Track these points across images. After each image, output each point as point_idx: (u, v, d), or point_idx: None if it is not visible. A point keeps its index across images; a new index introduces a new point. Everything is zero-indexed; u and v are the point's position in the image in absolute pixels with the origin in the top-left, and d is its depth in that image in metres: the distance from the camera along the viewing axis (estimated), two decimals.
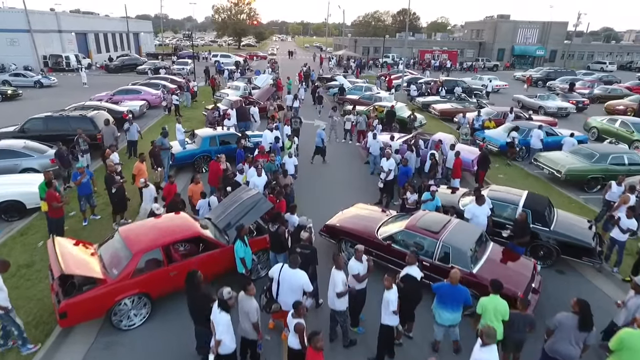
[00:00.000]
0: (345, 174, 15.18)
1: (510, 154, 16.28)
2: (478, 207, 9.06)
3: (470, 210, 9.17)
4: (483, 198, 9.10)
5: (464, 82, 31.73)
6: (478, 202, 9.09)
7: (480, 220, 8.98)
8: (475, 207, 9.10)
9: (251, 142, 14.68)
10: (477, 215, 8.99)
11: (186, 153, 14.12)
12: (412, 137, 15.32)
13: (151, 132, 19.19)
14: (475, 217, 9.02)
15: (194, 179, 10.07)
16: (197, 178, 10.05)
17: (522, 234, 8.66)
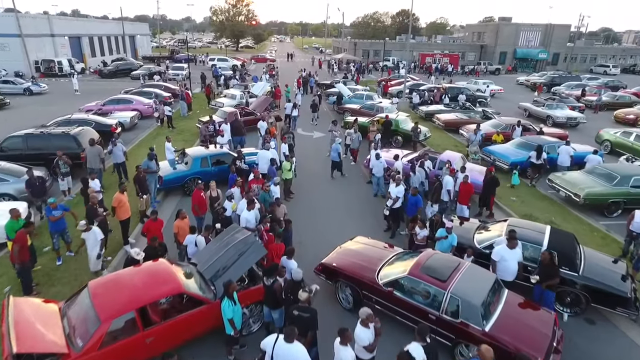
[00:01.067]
0: (346, 195, 14.16)
1: (534, 174, 15.11)
2: (509, 251, 8.04)
3: (499, 253, 8.11)
4: (516, 241, 8.05)
5: (468, 90, 30.72)
6: (510, 244, 8.06)
7: (510, 266, 7.99)
8: (506, 250, 8.07)
9: (246, 164, 13.63)
10: (507, 260, 7.98)
11: (175, 175, 13.08)
12: (419, 156, 14.30)
13: (141, 148, 18.18)
14: (503, 261, 8.02)
15: (179, 214, 9.04)
16: (183, 213, 9.03)
17: (550, 276, 7.66)
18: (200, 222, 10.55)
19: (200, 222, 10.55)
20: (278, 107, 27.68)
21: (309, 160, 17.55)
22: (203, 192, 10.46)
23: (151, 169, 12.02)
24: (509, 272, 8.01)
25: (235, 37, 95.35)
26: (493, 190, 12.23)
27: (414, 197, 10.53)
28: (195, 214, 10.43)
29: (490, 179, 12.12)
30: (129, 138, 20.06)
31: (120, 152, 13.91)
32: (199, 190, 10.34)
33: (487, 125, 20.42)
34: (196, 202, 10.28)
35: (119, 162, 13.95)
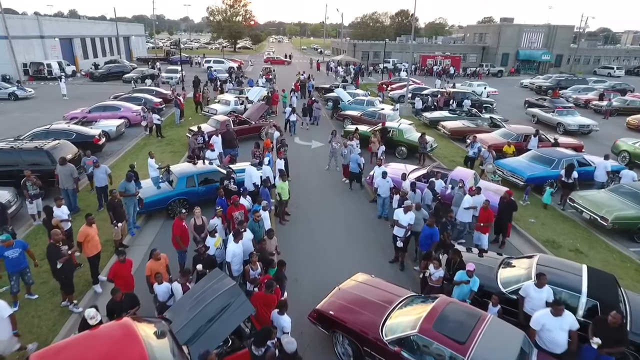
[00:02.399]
0: (347, 215, 12.85)
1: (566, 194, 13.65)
2: (554, 319, 6.39)
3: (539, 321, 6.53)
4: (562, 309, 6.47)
5: (473, 94, 29.43)
6: (555, 312, 6.40)
7: (557, 337, 6.37)
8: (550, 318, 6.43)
9: (237, 182, 12.32)
10: (552, 329, 6.39)
11: (157, 197, 11.74)
12: (427, 173, 13.00)
13: (126, 160, 16.83)
14: (547, 331, 6.45)
15: (153, 254, 7.72)
16: (157, 252, 7.71)
17: (617, 341, 6.23)
18: (183, 256, 9.25)
19: (183, 257, 9.25)
20: (275, 114, 26.38)
21: (306, 173, 16.26)
22: (185, 221, 9.15)
23: (129, 192, 10.70)
24: (556, 344, 6.41)
25: (233, 37, 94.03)
26: (509, 215, 10.92)
27: (429, 229, 9.21)
28: (177, 247, 9.13)
29: (508, 203, 10.81)
30: (114, 149, 18.75)
31: (103, 174, 12.14)
32: (180, 219, 9.01)
33: (497, 135, 19.16)
34: (177, 232, 8.97)
35: (101, 186, 12.25)
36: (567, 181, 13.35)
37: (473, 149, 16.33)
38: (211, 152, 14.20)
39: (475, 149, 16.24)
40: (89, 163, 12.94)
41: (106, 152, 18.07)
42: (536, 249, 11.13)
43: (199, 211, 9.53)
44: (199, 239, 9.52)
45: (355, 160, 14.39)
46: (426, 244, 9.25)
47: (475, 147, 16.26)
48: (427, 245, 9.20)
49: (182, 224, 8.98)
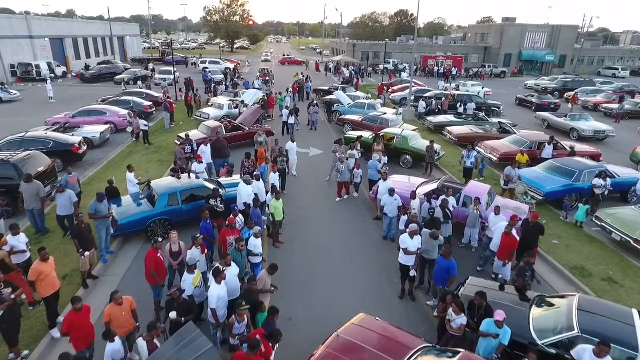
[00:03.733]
0: (349, 235, 11.51)
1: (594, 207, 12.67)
2: None
3: None
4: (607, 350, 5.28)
5: (479, 97, 28.12)
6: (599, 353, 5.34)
7: None
8: None
9: (226, 198, 10.99)
10: None
11: (134, 218, 10.38)
12: (438, 189, 11.67)
13: (107, 171, 15.50)
14: None
15: (114, 297, 6.40)
16: (118, 296, 6.38)
17: None
18: (159, 293, 7.92)
19: (159, 294, 7.92)
20: (271, 118, 25.05)
21: (303, 185, 14.93)
22: (160, 252, 7.81)
23: (100, 214, 9.36)
24: None
25: (230, 37, 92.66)
26: (535, 240, 9.61)
27: (445, 261, 7.89)
28: (152, 283, 7.79)
29: (533, 227, 9.49)
30: (97, 157, 17.40)
31: (68, 201, 10.20)
32: (154, 250, 7.68)
33: (508, 142, 17.84)
34: (152, 265, 7.62)
35: (62, 215, 10.29)
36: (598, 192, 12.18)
37: (470, 158, 14.90)
38: (198, 164, 12.84)
39: (472, 158, 14.85)
40: (72, 181, 11.33)
41: (87, 162, 16.74)
42: (563, 278, 9.85)
43: (176, 236, 8.24)
44: (176, 266, 8.27)
45: (374, 167, 13.66)
46: (442, 278, 7.94)
47: (472, 157, 14.86)
48: (443, 280, 7.89)
49: (157, 255, 7.65)
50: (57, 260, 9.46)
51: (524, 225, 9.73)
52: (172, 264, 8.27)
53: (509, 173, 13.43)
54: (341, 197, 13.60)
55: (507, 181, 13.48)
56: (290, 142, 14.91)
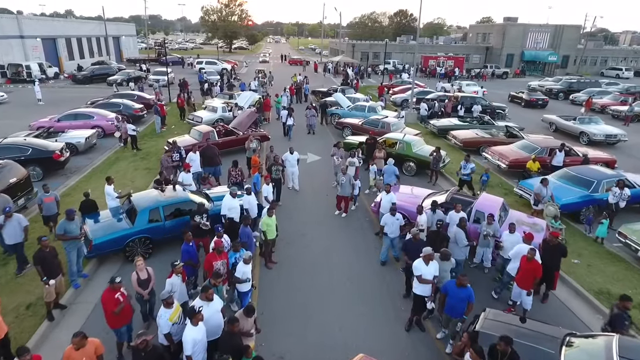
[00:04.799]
0: (347, 253, 10.47)
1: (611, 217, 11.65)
2: None
3: None
4: None
5: (483, 99, 27.12)
6: None
7: None
8: None
9: (213, 213, 9.98)
10: None
11: (111, 236, 9.34)
12: (446, 202, 10.65)
13: (91, 181, 14.48)
14: None
15: (73, 339, 5.37)
16: (77, 340, 5.34)
17: None
18: (123, 337, 6.86)
19: (123, 336, 6.86)
20: (267, 121, 24.05)
21: (300, 195, 13.92)
22: (122, 290, 6.68)
23: (70, 234, 8.35)
24: None
25: (228, 38, 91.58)
26: (557, 262, 8.60)
27: (463, 290, 6.90)
28: (113, 326, 6.67)
29: (554, 248, 8.49)
30: (81, 164, 16.38)
31: (17, 228, 8.74)
32: (112, 290, 6.55)
33: (517, 148, 16.83)
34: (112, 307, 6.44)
35: (10, 244, 8.84)
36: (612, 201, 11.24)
37: (465, 169, 13.66)
38: (186, 174, 11.80)
39: (469, 169, 13.61)
40: (47, 201, 10.00)
41: (70, 169, 15.72)
42: (587, 304, 8.85)
43: (142, 263, 7.24)
44: (146, 296, 7.26)
45: (392, 172, 13.09)
46: (459, 308, 6.93)
47: (468, 168, 13.61)
48: (460, 310, 6.89)
49: (115, 295, 6.54)
50: (19, 286, 8.55)
51: (543, 245, 8.73)
52: (142, 294, 7.27)
53: (539, 191, 11.74)
54: (340, 211, 12.54)
55: (537, 200, 11.81)
56: (289, 153, 13.60)
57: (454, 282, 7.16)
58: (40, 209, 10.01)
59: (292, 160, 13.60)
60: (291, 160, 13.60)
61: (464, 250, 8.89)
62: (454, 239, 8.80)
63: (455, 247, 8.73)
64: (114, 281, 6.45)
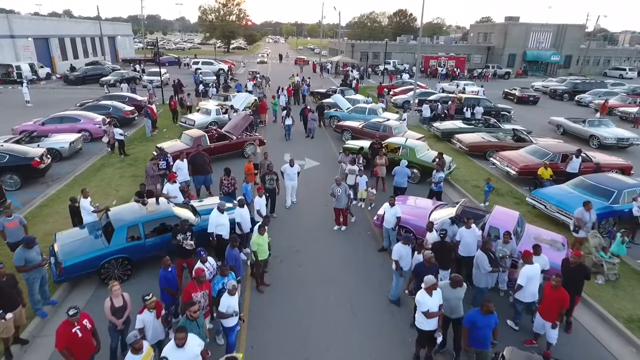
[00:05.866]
0: (348, 273, 9.50)
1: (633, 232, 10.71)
2: None
3: None
4: None
5: (488, 101, 26.17)
6: None
7: None
8: None
9: (199, 228, 9.01)
10: None
11: (84, 258, 8.33)
12: (456, 216, 9.69)
13: (73, 188, 13.48)
14: None
15: None
16: None
17: None
18: None
19: None
20: (264, 124, 23.09)
21: (296, 206, 12.93)
22: (83, 323, 5.75)
23: (32, 264, 7.36)
24: None
25: (226, 37, 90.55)
26: (579, 286, 7.64)
27: (491, 317, 5.97)
28: None
29: (576, 269, 7.53)
30: (64, 170, 15.41)
31: None
32: (69, 324, 5.62)
33: (526, 153, 15.87)
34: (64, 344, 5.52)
35: None
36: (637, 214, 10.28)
37: (434, 178, 12.46)
38: (171, 184, 10.81)
39: (437, 178, 12.38)
40: (10, 226, 8.61)
41: (52, 177, 14.75)
42: (616, 333, 7.89)
43: (118, 288, 6.30)
44: (120, 326, 6.33)
45: (405, 173, 12.62)
46: (482, 339, 5.98)
47: (436, 177, 12.39)
48: (484, 340, 5.95)
49: (72, 330, 5.59)
50: None
51: (564, 266, 7.77)
52: (115, 323, 6.34)
53: (581, 216, 9.90)
54: (339, 226, 11.54)
55: (578, 227, 10.00)
56: (288, 165, 12.20)
57: (477, 311, 6.23)
58: (4, 236, 8.68)
59: (291, 174, 12.24)
60: (291, 173, 12.22)
61: (490, 278, 7.89)
62: (475, 262, 7.83)
63: (478, 274, 7.78)
64: (74, 314, 5.53)
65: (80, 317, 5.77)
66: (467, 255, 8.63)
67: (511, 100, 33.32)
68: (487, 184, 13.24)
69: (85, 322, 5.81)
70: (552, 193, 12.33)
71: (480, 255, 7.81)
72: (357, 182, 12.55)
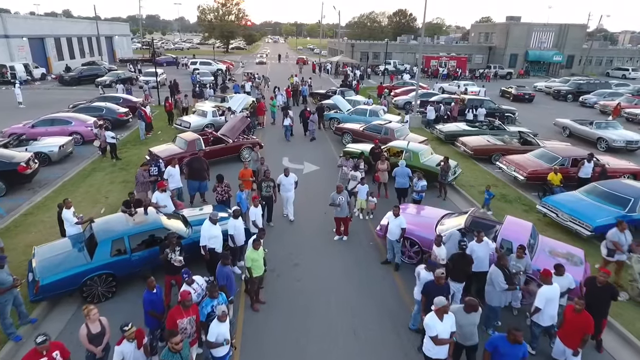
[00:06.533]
0: (350, 290, 8.85)
1: None
2: None
3: None
4: None
5: (491, 102, 25.53)
6: None
7: None
8: None
9: (190, 241, 8.38)
10: None
11: (64, 275, 7.69)
12: (466, 227, 9.05)
13: (59, 195, 12.82)
14: None
15: None
16: None
17: None
18: None
19: None
20: (262, 126, 22.45)
21: (295, 213, 12.26)
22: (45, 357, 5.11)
23: (4, 286, 6.69)
24: None
25: (225, 37, 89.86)
26: (604, 308, 7.03)
27: (519, 347, 5.35)
28: None
29: (603, 289, 6.91)
30: (53, 175, 14.77)
31: None
32: (36, 352, 5.04)
33: (534, 157, 15.24)
34: None
35: None
36: None
37: (417, 187, 11.88)
38: (160, 193, 10.15)
39: (419, 187, 11.82)
40: None
41: (39, 182, 14.11)
42: None
43: (95, 312, 5.68)
44: (99, 354, 5.73)
45: (405, 174, 12.28)
46: None
47: (419, 186, 11.83)
48: None
49: None
50: None
51: (588, 285, 7.15)
52: (93, 352, 5.73)
53: (616, 239, 8.79)
54: (340, 236, 10.92)
55: (612, 250, 8.90)
56: (284, 175, 11.31)
57: (503, 337, 5.59)
58: None
59: (287, 185, 11.34)
60: (286, 184, 11.31)
61: (505, 296, 7.27)
62: (490, 279, 7.20)
63: (493, 291, 7.16)
64: (37, 341, 4.93)
65: (50, 346, 5.15)
66: (479, 271, 8.00)
67: (507, 99, 34.08)
68: (487, 192, 12.58)
69: (56, 354, 5.18)
70: (564, 200, 11.70)
71: (495, 272, 7.18)
72: (357, 190, 11.85)
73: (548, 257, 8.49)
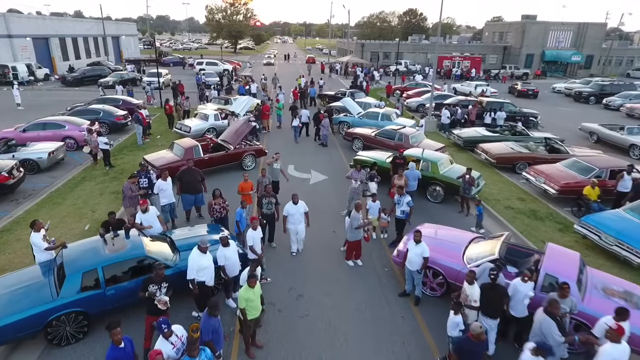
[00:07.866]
0: (360, 329, 7.50)
1: None
2: None
3: None
4: None
5: (512, 105, 23.96)
6: None
7: None
8: None
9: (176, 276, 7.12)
10: None
11: (23, 315, 6.45)
12: (499, 260, 7.65)
13: (45, 209, 11.67)
14: None
15: None
16: None
17: None
18: None
19: None
20: (266, 130, 21.19)
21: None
22: None
23: None
24: None
25: (233, 37, 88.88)
26: None
27: None
28: None
29: None
30: (41, 184, 13.67)
31: None
32: None
33: (566, 168, 13.73)
34: None
35: None
36: None
37: (400, 205, 10.03)
38: (143, 213, 8.81)
39: (404, 206, 9.98)
40: None
41: (24, 192, 13.02)
42: None
43: None
44: None
45: (415, 176, 11.75)
46: None
47: (403, 203, 10.00)
48: None
49: None
50: None
51: None
52: None
53: None
54: (353, 261, 9.58)
55: None
56: (292, 203, 9.26)
57: None
58: None
59: (296, 215, 9.25)
60: (294, 213, 9.21)
61: (559, 350, 5.90)
62: (539, 330, 5.84)
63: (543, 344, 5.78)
64: None
65: None
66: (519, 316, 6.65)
67: (512, 94, 35.46)
68: (478, 208, 11.11)
69: None
70: (609, 220, 10.24)
71: (545, 321, 5.81)
72: (368, 207, 10.46)
73: (601, 296, 7.07)
